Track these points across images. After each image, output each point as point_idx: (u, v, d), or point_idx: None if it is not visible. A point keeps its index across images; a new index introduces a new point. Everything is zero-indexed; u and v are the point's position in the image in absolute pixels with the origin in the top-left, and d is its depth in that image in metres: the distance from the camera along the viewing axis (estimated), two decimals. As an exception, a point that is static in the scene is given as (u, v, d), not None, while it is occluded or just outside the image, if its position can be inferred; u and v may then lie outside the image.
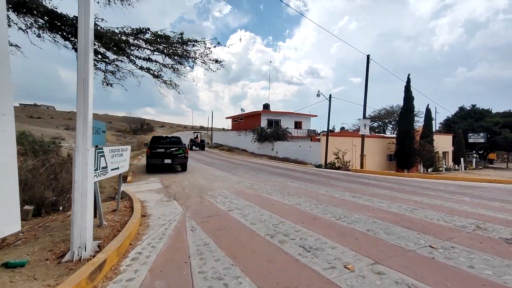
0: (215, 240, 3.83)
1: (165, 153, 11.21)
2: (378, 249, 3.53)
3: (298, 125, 34.35)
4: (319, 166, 18.21)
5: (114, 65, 7.84)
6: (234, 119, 41.08)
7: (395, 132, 46.28)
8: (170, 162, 11.27)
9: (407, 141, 21.66)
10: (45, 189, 5.48)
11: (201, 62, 8.01)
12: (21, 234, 3.85)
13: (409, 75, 22.31)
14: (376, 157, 23.37)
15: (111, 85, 8.34)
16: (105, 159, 4.23)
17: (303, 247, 3.59)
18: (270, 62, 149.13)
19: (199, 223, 4.67)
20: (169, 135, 13.34)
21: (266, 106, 35.29)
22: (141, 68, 7.95)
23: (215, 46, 7.97)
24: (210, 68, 8.22)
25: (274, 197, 6.87)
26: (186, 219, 4.87)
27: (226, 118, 43.96)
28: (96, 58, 7.51)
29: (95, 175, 3.75)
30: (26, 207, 4.81)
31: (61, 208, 7.46)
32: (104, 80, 8.22)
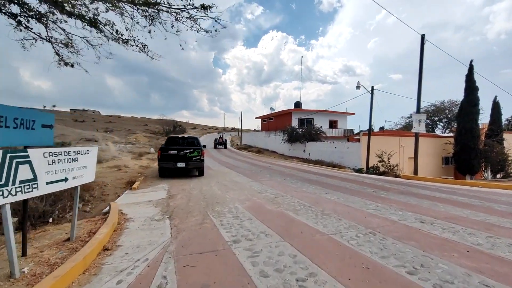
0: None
1: (178, 155, 9.83)
2: None
3: (333, 124, 31.45)
4: (359, 171, 15.61)
5: (64, 34, 6.22)
6: (264, 119, 39.36)
7: (449, 130, 40.72)
8: (183, 165, 9.86)
9: (469, 140, 17.90)
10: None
11: (176, 13, 5.93)
12: None
13: (471, 61, 18.53)
14: (429, 160, 19.84)
15: (71, 65, 6.89)
16: (31, 167, 2.69)
17: None
18: (302, 57, 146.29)
19: (179, 269, 2.94)
20: (186, 136, 12.05)
21: (297, 105, 32.98)
22: (93, 24, 6.10)
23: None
24: (200, 28, 6.17)
25: (303, 218, 4.92)
26: (163, 259, 3.19)
27: (256, 118, 42.43)
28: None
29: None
30: None
31: (50, 220, 6.37)
32: (60, 59, 6.66)
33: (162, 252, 3.38)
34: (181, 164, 9.84)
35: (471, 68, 18.55)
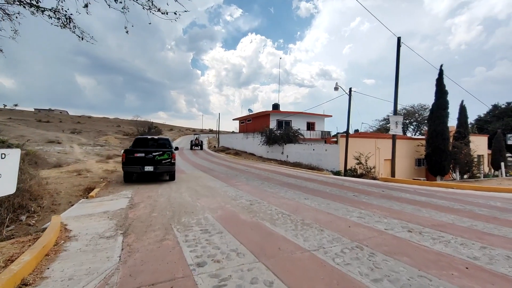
0: None
1: (145, 158, 8.89)
2: None
3: (310, 126, 31.56)
4: (337, 173, 15.47)
5: None
6: (242, 120, 38.71)
7: (419, 133, 42.65)
8: (152, 169, 8.94)
9: (440, 143, 18.53)
10: None
11: None
12: None
13: (441, 66, 19.25)
14: (403, 161, 20.30)
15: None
16: None
17: None
18: (280, 58, 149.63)
19: (118, 311, 2.21)
20: (156, 137, 11.08)
21: (275, 106, 32.75)
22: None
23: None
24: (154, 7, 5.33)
25: (281, 229, 4.33)
26: (100, 296, 2.43)
27: (233, 119, 41.65)
28: None
29: None
30: None
31: (24, 219, 5.49)
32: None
33: (101, 285, 2.61)
34: (149, 168, 8.90)
35: (441, 73, 19.26)
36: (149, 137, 10.86)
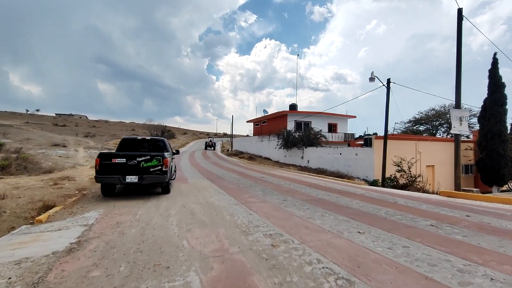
0: None
1: (127, 165, 6.60)
2: None
3: (332, 128, 28.62)
4: (373, 183, 12.62)
5: None
6: (256, 122, 36.26)
7: (450, 135, 38.41)
8: (136, 180, 6.63)
9: (498, 146, 15.24)
10: None
11: None
12: None
13: (495, 54, 16.05)
14: (447, 168, 17.07)
15: None
16: None
17: None
18: (298, 55, 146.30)
19: None
20: (148, 137, 8.82)
21: (293, 107, 30.09)
22: None
23: None
24: None
25: None
26: None
27: (247, 121, 39.27)
28: None
29: None
30: None
31: None
32: None
33: None
34: (131, 179, 6.59)
35: (495, 62, 16.03)
36: (139, 137, 8.62)
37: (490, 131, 15.56)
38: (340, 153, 16.48)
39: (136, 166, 6.67)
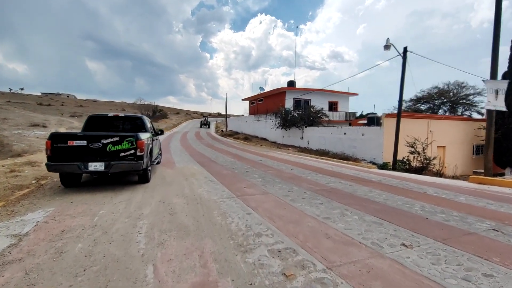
0: None
1: (88, 149, 5.13)
2: None
3: (333, 106, 27.09)
4: (383, 167, 11.42)
5: None
6: (252, 100, 34.42)
7: (452, 114, 37.15)
8: (102, 168, 5.20)
9: (515, 124, 14.02)
10: None
11: None
12: None
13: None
14: (459, 148, 15.97)
15: None
16: None
17: None
18: (297, 27, 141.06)
19: None
20: (122, 114, 7.27)
21: (291, 84, 28.28)
22: None
23: None
24: None
25: None
26: None
27: (243, 100, 37.34)
28: None
29: None
30: None
31: None
32: None
33: None
34: (96, 166, 5.16)
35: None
36: (110, 114, 7.06)
37: (508, 108, 14.28)
38: (345, 133, 15.15)
39: (101, 150, 5.20)
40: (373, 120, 16.14)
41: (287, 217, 4.00)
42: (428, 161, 10.95)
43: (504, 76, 14.86)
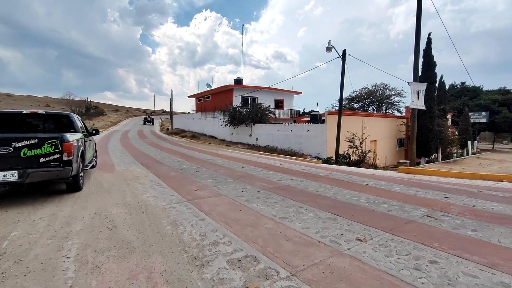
0: None
1: (-7, 154, 4.06)
2: None
3: (279, 104, 27.98)
4: (327, 161, 12.19)
5: None
6: (199, 97, 33.25)
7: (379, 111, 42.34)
8: (14, 178, 4.17)
9: (427, 121, 16.58)
10: None
11: None
12: None
13: (429, 34, 16.96)
14: (387, 142, 18.15)
15: None
16: None
17: None
18: (243, 25, 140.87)
19: None
20: (43, 111, 6.02)
21: (238, 81, 28.19)
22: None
23: None
24: None
25: None
26: None
27: (189, 96, 35.78)
28: None
29: None
30: None
31: None
32: None
33: None
34: (6, 176, 4.12)
35: (429, 42, 17.02)
36: (26, 111, 5.78)
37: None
38: (291, 130, 15.73)
39: (12, 156, 4.17)
40: (316, 117, 17.15)
41: (243, 220, 3.80)
42: (364, 154, 12.11)
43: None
